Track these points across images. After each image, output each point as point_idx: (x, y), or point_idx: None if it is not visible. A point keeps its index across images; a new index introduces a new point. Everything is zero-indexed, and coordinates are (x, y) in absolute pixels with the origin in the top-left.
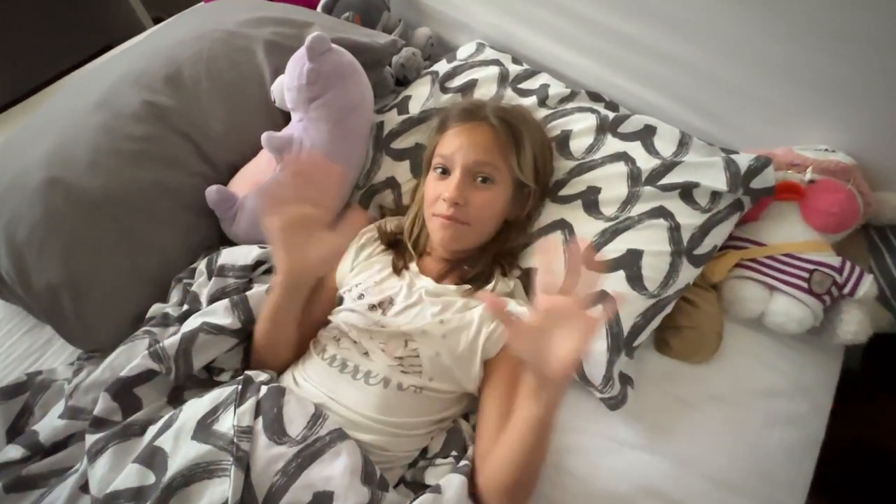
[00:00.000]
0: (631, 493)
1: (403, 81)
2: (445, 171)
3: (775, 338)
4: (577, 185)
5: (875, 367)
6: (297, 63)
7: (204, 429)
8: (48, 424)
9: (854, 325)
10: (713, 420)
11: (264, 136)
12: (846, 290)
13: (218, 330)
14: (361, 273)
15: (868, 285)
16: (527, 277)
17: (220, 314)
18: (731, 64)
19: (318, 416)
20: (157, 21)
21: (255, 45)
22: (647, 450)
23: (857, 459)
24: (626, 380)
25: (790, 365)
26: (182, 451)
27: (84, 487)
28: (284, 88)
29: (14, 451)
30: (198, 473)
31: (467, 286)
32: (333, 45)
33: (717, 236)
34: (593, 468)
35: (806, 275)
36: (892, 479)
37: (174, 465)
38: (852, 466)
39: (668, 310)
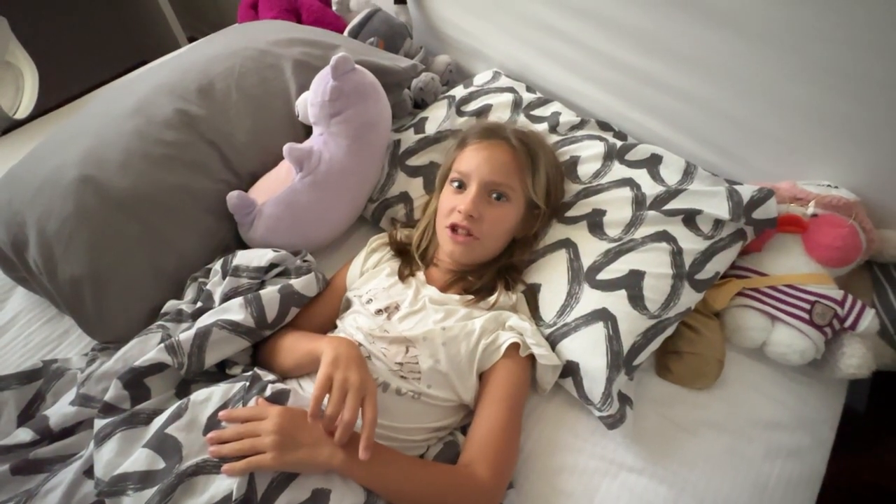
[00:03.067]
0: None
1: (422, 105)
2: (462, 186)
3: (778, 369)
4: (583, 207)
5: (880, 408)
6: (322, 80)
7: (215, 426)
8: (59, 411)
9: (856, 359)
10: (713, 448)
11: (286, 147)
12: (847, 323)
13: (232, 326)
14: (371, 280)
15: (870, 319)
16: (530, 292)
17: (234, 311)
18: (741, 100)
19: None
20: (191, 40)
21: (284, 63)
22: (645, 473)
23: (860, 501)
24: (625, 399)
25: (792, 398)
26: (197, 444)
27: (88, 472)
28: (308, 104)
29: (24, 434)
30: (206, 466)
31: (470, 297)
32: (357, 66)
33: (719, 263)
34: (590, 490)
35: (808, 306)
36: None
37: (190, 456)
38: None
39: (668, 331)
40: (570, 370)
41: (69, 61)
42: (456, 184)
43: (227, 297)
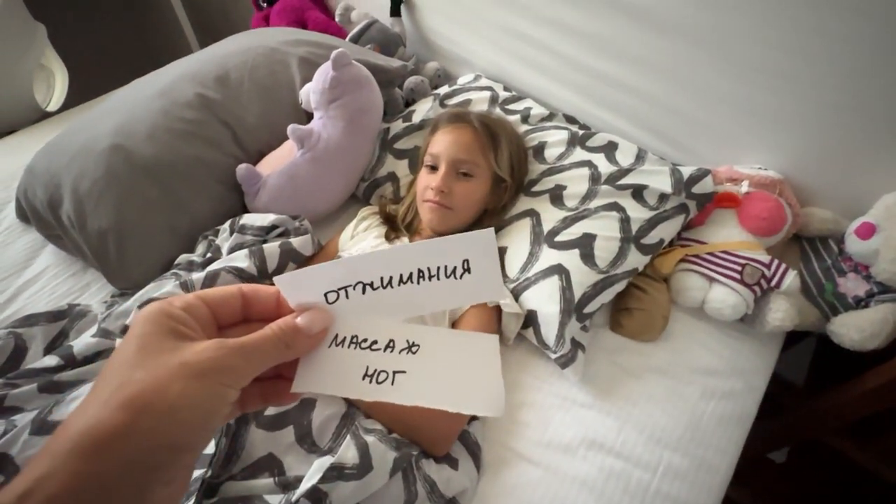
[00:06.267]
0: (576, 442)
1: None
2: (434, 168)
3: (717, 326)
4: (546, 184)
5: (817, 381)
6: (323, 71)
7: None
8: (82, 341)
9: (780, 312)
10: (655, 389)
11: (290, 127)
12: (773, 282)
13: (237, 271)
14: (361, 242)
15: (791, 278)
16: (498, 255)
17: (240, 259)
18: (687, 97)
19: None
20: None
21: (291, 59)
22: (595, 408)
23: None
24: (577, 344)
25: (729, 350)
26: None
27: None
28: (310, 92)
29: (50, 360)
30: None
31: None
32: (354, 61)
33: (664, 231)
34: (545, 420)
35: (739, 268)
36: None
37: None
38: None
39: (617, 287)
40: (530, 320)
41: (90, 69)
42: (430, 166)
43: (233, 251)
